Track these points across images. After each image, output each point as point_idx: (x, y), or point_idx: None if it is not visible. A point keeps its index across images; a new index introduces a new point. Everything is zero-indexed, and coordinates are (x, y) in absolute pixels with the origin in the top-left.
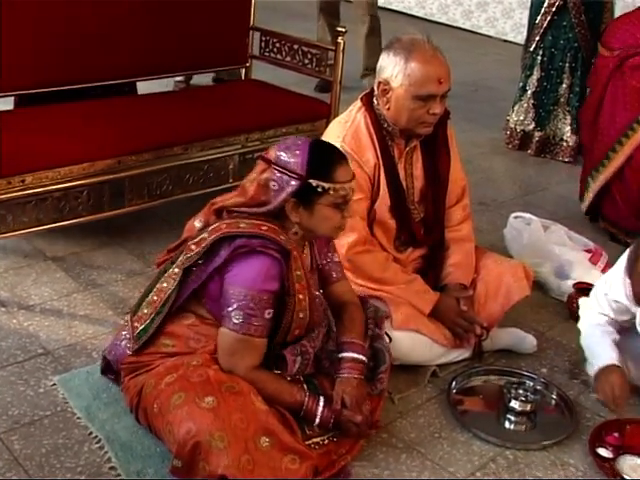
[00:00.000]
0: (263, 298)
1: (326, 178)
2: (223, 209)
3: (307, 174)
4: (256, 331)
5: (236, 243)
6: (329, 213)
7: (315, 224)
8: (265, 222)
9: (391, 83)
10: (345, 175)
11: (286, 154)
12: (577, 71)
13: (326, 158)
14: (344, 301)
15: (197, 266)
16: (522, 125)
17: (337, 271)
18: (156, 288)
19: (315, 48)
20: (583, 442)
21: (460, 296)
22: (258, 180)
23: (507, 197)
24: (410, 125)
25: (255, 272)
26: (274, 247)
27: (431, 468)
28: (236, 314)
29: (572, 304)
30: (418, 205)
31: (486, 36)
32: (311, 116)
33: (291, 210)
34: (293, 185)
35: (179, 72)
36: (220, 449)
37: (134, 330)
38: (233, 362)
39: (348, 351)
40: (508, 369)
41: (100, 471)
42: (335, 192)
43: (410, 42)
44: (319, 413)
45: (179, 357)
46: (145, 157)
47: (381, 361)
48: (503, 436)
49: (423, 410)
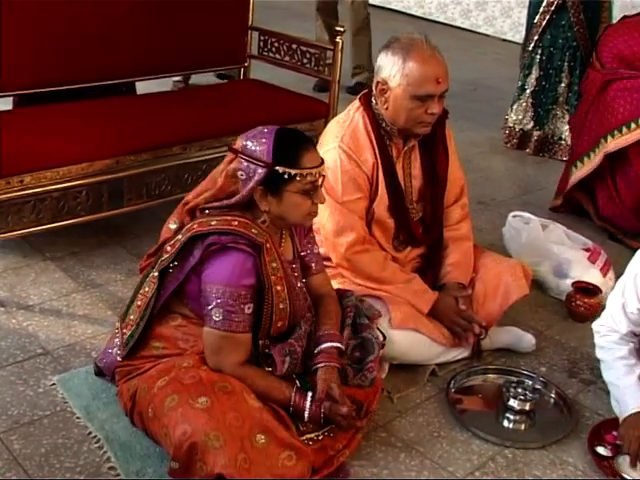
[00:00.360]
0: (241, 293)
1: (292, 164)
2: (196, 208)
3: (273, 161)
4: (238, 327)
5: (207, 241)
6: (298, 200)
7: (285, 211)
8: (236, 217)
9: (389, 83)
10: (312, 161)
11: (252, 143)
12: (576, 70)
13: (292, 145)
14: (321, 294)
15: (174, 267)
16: (521, 124)
17: (316, 263)
18: (140, 293)
19: (314, 48)
20: (582, 441)
21: (459, 295)
22: (226, 170)
23: (506, 196)
24: (408, 125)
25: (229, 268)
26: (245, 242)
27: (430, 467)
28: (216, 312)
29: (571, 303)
30: (416, 204)
31: (485, 35)
32: (310, 115)
33: (260, 198)
34: (260, 173)
35: (178, 72)
36: (216, 448)
37: (123, 336)
38: (219, 360)
39: (323, 342)
40: (507, 368)
41: (99, 471)
42: (302, 178)
43: (408, 42)
44: (307, 408)
45: (170, 359)
46: (144, 157)
47: (370, 351)
48: (502, 435)
49: (422, 409)
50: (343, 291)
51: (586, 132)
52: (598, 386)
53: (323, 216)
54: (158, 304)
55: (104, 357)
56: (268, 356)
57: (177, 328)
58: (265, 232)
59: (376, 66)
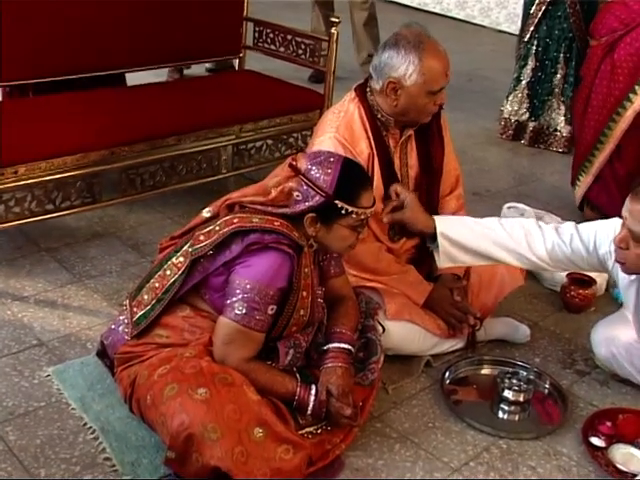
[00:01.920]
0: (269, 293)
1: (352, 201)
2: (236, 204)
3: (334, 194)
4: (257, 325)
5: (249, 239)
6: (346, 234)
7: (330, 241)
8: (279, 218)
9: (403, 82)
10: (369, 201)
11: (317, 169)
12: (572, 61)
13: (355, 181)
14: (342, 295)
15: (205, 257)
16: (516, 115)
17: (336, 266)
18: (158, 275)
19: (309, 38)
20: (576, 431)
21: (454, 287)
22: (283, 186)
23: (501, 187)
24: (417, 117)
25: (266, 267)
26: (287, 242)
27: (425, 458)
28: (239, 305)
29: (565, 294)
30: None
31: (480, 26)
32: (305, 107)
33: (309, 224)
34: (317, 200)
35: (173, 63)
36: (213, 440)
37: (133, 315)
38: (227, 352)
39: (334, 341)
40: (501, 359)
41: (95, 462)
42: (357, 216)
43: (416, 39)
44: (311, 402)
45: (172, 348)
46: (138, 148)
47: (373, 352)
48: (497, 426)
49: (417, 400)
50: (355, 293)
51: (595, 109)
52: (592, 377)
53: None
54: (181, 291)
55: (110, 334)
56: (271, 348)
57: (185, 319)
58: (305, 237)
59: (380, 63)
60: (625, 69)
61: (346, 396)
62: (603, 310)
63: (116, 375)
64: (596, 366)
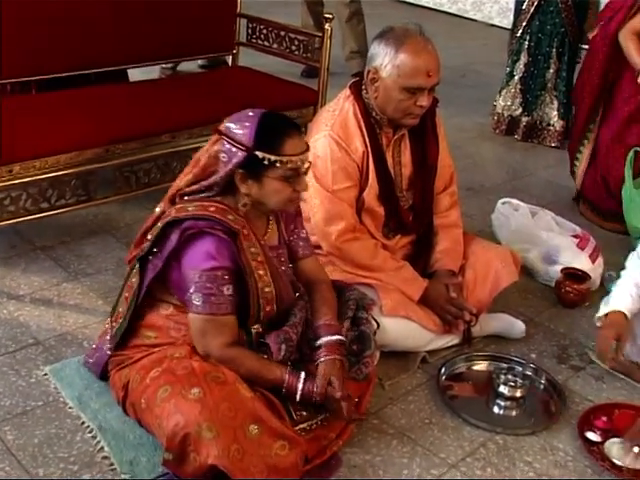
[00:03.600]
0: (217, 275)
1: (273, 150)
2: (177, 193)
3: (253, 146)
4: (219, 309)
5: (183, 226)
6: (278, 186)
7: (264, 196)
8: (214, 203)
9: (380, 72)
10: (295, 148)
11: (236, 125)
12: (564, 56)
13: (275, 130)
14: (314, 280)
15: (153, 255)
16: (509, 110)
17: (304, 247)
18: (127, 285)
19: (302, 34)
20: (572, 426)
21: (449, 282)
22: (209, 152)
23: (494, 182)
24: (396, 115)
25: (204, 251)
26: (221, 227)
27: (422, 454)
28: (196, 297)
29: (560, 289)
30: (406, 192)
31: (472, 20)
32: (299, 103)
33: (240, 182)
34: (239, 156)
35: (166, 59)
36: (209, 439)
37: (112, 329)
38: (206, 344)
39: (325, 335)
40: (497, 354)
41: (93, 460)
42: (283, 165)
43: (403, 33)
44: (300, 388)
45: (162, 349)
46: (133, 145)
47: (367, 346)
48: (493, 421)
49: (413, 396)
50: (345, 285)
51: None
52: (587, 372)
53: (313, 205)
54: (141, 293)
55: (94, 353)
56: (263, 344)
57: (169, 317)
58: (243, 218)
59: (369, 54)
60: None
61: (341, 386)
62: (598, 305)
63: (110, 378)
64: (591, 361)
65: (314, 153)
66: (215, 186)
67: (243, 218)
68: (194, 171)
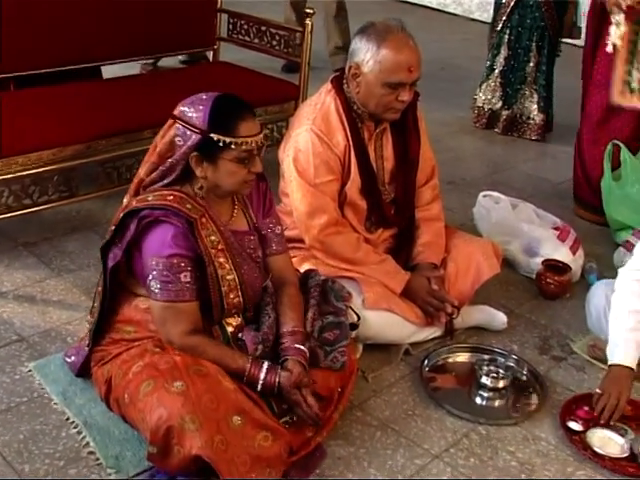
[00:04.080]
0: (174, 262)
1: (228, 132)
2: (140, 184)
3: (208, 128)
4: (177, 296)
5: (140, 215)
6: (233, 168)
7: (219, 178)
8: (173, 191)
9: (362, 68)
10: (249, 130)
11: (189, 108)
12: (544, 49)
13: (229, 112)
14: (283, 280)
15: (114, 244)
16: (490, 104)
17: (278, 243)
18: (100, 279)
19: (283, 30)
20: (554, 416)
21: (431, 275)
22: (165, 137)
23: (475, 176)
24: (378, 110)
25: (159, 240)
26: (177, 216)
27: (406, 445)
28: (154, 284)
29: (541, 281)
30: (388, 186)
31: (453, 14)
32: (280, 97)
33: (195, 165)
34: (194, 139)
35: (147, 55)
36: (192, 431)
37: (90, 324)
38: (167, 331)
39: (291, 343)
40: (479, 346)
41: (79, 456)
42: (237, 147)
43: (384, 28)
44: (262, 378)
45: (142, 343)
46: (115, 141)
47: (343, 336)
48: (476, 412)
49: (396, 388)
50: (308, 271)
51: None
52: (569, 362)
53: (296, 198)
54: (107, 283)
55: (73, 353)
56: (240, 340)
57: (147, 311)
58: (203, 206)
59: (350, 49)
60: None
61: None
62: (578, 296)
63: (92, 374)
64: (572, 352)
65: (296, 147)
66: (172, 170)
67: (203, 205)
68: (151, 159)
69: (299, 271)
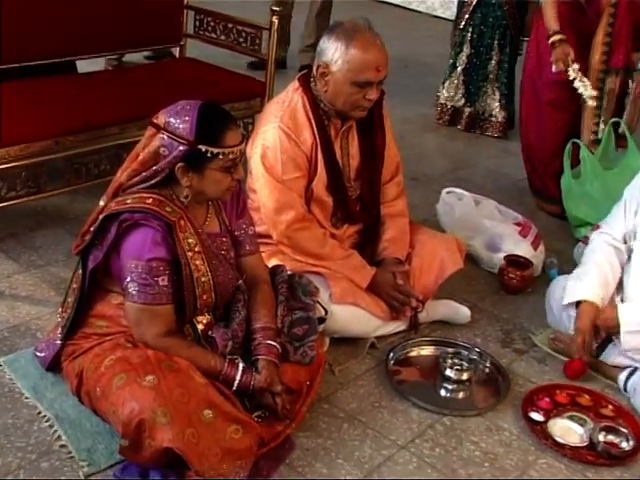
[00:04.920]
0: (152, 266)
1: (215, 143)
2: (120, 187)
3: (196, 139)
4: (154, 299)
5: (120, 218)
6: (219, 176)
7: (205, 187)
8: (152, 194)
9: (330, 67)
10: (234, 139)
11: (175, 119)
12: (506, 48)
13: (215, 123)
14: (256, 278)
15: (94, 247)
16: (452, 101)
17: (250, 244)
18: (75, 276)
19: (249, 27)
20: (516, 407)
21: (396, 270)
22: (149, 146)
23: (438, 172)
24: (346, 108)
25: (139, 243)
26: (157, 219)
27: (372, 436)
28: (131, 286)
29: (503, 276)
30: (354, 183)
31: (416, 12)
32: (246, 94)
33: (181, 175)
34: (181, 150)
35: (114, 51)
36: (164, 424)
37: (62, 320)
38: (141, 332)
39: (263, 339)
40: (443, 339)
41: (51, 449)
42: (224, 156)
43: (352, 28)
44: (238, 378)
45: (114, 338)
46: (82, 137)
47: (312, 331)
48: (440, 404)
49: (363, 381)
50: (275, 267)
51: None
52: (530, 355)
53: (263, 195)
54: (86, 284)
55: (45, 345)
56: (210, 338)
57: (119, 306)
58: (180, 209)
59: (318, 48)
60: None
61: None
62: (540, 291)
63: (63, 369)
64: (534, 344)
65: (263, 144)
66: (155, 177)
67: (182, 208)
68: (132, 166)
69: (267, 267)
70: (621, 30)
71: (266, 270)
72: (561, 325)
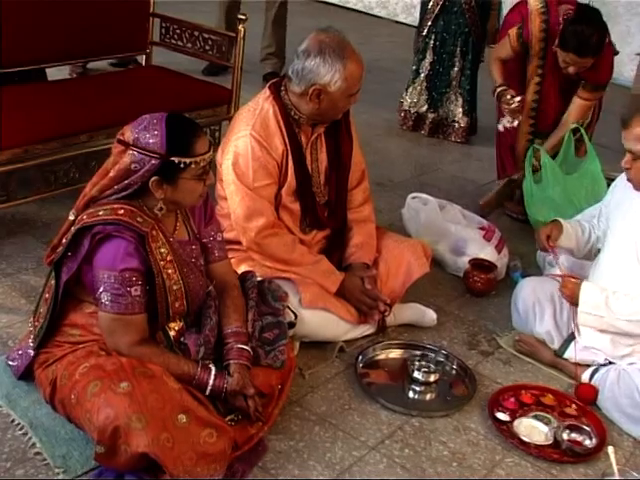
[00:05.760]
0: (125, 276)
1: (186, 153)
2: (91, 200)
3: (167, 152)
4: (127, 309)
5: (93, 231)
6: (192, 185)
7: (181, 197)
8: (124, 205)
9: (328, 88)
10: (203, 147)
11: (144, 134)
12: (468, 55)
13: (184, 133)
14: (226, 284)
15: (67, 258)
16: (416, 107)
17: (219, 250)
18: (47, 286)
19: (215, 34)
20: (483, 407)
21: (364, 275)
22: (119, 163)
23: (403, 177)
24: (334, 116)
25: (113, 253)
26: (129, 230)
27: (343, 438)
28: (105, 296)
29: (468, 279)
30: (323, 189)
31: (378, 17)
32: (212, 101)
33: (156, 188)
34: (154, 164)
35: (79, 59)
36: (139, 430)
37: (35, 329)
38: (114, 341)
39: (235, 343)
40: (411, 342)
41: (26, 456)
42: (196, 165)
43: (338, 45)
44: (211, 383)
45: (87, 346)
46: (52, 145)
47: (282, 335)
48: (409, 405)
49: (332, 384)
50: (245, 273)
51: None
52: (496, 357)
53: (234, 201)
54: (59, 294)
55: (17, 354)
56: (182, 344)
57: (91, 315)
58: (151, 219)
59: (304, 69)
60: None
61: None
62: (504, 293)
63: (35, 378)
64: (499, 346)
65: (235, 151)
66: (127, 189)
67: (153, 218)
68: (103, 181)
69: (237, 273)
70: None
71: (236, 276)
72: (526, 327)
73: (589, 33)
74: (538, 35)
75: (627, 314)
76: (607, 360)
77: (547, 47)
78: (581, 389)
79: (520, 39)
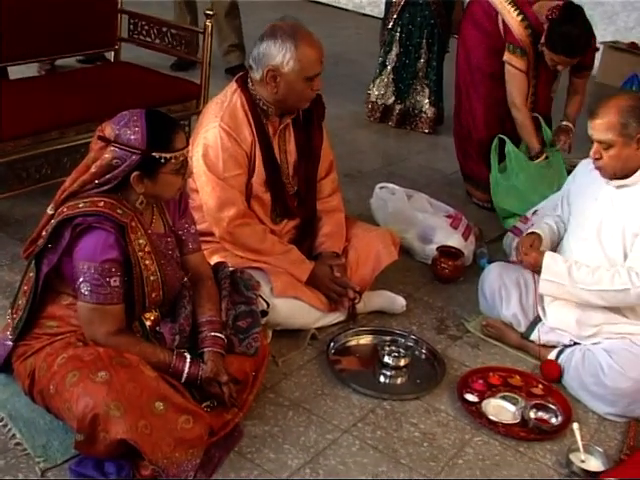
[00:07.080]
0: (105, 267)
1: (166, 148)
2: (70, 195)
3: (148, 147)
4: (105, 299)
5: (74, 222)
6: (172, 179)
7: (160, 191)
8: (104, 197)
9: (281, 69)
10: (182, 142)
11: (124, 131)
12: (434, 46)
13: (164, 129)
14: (200, 275)
15: (48, 251)
16: (383, 99)
17: (193, 242)
18: (26, 279)
19: (183, 30)
20: (452, 390)
21: (333, 264)
22: (100, 159)
23: (371, 168)
24: (297, 103)
25: (93, 245)
26: (109, 222)
27: (317, 422)
28: (84, 286)
29: (436, 266)
30: (292, 179)
31: (343, 9)
32: (182, 97)
33: (137, 182)
34: (135, 159)
35: (49, 56)
36: (117, 417)
37: (13, 321)
38: (92, 331)
39: (209, 331)
40: (381, 328)
41: (6, 447)
42: (176, 159)
43: (291, 28)
44: (186, 370)
45: (65, 337)
46: (23, 142)
47: (255, 323)
48: (380, 389)
49: (305, 370)
50: (218, 264)
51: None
52: (464, 340)
53: (205, 192)
54: (39, 286)
55: None
56: (158, 333)
57: (69, 307)
58: (131, 211)
59: (259, 54)
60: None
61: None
62: (471, 279)
63: (14, 370)
64: (467, 331)
65: (205, 143)
66: (108, 184)
67: (132, 210)
68: (83, 177)
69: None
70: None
71: (209, 267)
72: (493, 311)
73: (577, 34)
74: (526, 40)
75: (588, 283)
76: (572, 341)
77: (537, 48)
78: (545, 366)
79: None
